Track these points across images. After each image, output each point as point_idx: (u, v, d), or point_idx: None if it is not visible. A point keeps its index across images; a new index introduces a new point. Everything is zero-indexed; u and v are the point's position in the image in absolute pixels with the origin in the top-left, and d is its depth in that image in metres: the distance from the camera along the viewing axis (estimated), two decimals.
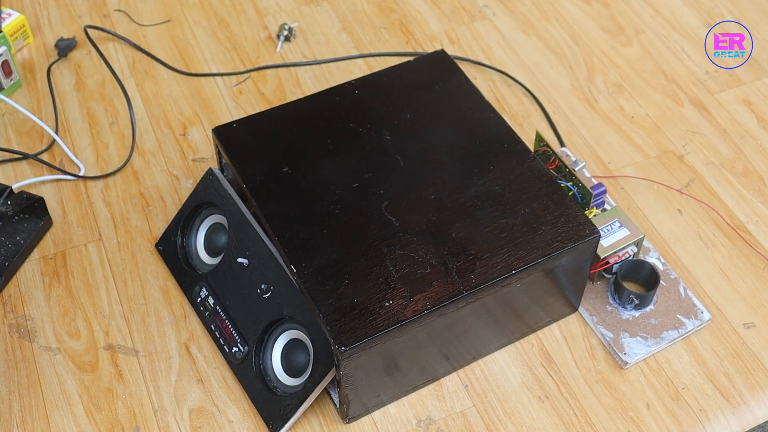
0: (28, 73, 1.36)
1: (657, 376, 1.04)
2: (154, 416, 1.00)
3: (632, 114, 1.32)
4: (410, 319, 0.90)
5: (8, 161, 1.23)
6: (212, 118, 1.30)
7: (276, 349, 1.00)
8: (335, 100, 1.11)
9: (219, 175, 1.07)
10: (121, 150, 1.26)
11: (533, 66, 1.39)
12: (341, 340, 0.88)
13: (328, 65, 1.38)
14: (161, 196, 1.20)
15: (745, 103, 1.34)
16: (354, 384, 0.93)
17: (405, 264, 0.94)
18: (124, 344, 1.05)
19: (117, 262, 1.13)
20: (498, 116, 1.09)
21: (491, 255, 0.95)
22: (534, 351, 1.06)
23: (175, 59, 1.39)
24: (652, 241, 1.16)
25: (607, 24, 1.46)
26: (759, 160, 1.26)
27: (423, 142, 1.06)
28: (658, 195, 1.22)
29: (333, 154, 1.04)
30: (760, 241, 1.17)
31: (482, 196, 1.00)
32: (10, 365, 1.03)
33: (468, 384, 1.03)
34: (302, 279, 0.93)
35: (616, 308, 1.08)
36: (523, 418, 1.00)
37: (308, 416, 1.00)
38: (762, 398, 1.03)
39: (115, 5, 1.47)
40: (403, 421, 1.00)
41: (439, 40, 1.43)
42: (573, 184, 1.08)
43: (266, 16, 1.46)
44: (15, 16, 1.37)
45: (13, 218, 1.13)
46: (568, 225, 0.98)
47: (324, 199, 1.00)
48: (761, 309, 1.10)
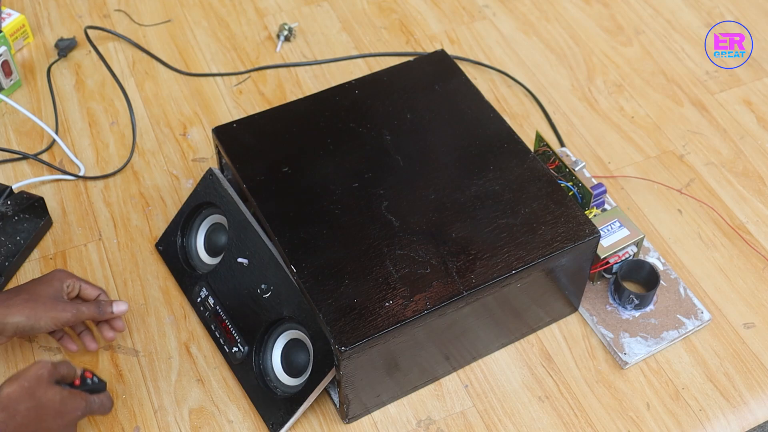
0: (28, 73, 1.36)
1: (657, 376, 1.04)
2: (154, 416, 1.00)
3: (632, 114, 1.32)
4: (410, 319, 0.90)
5: (8, 161, 1.23)
6: (212, 118, 1.30)
7: (276, 349, 1.00)
8: (335, 100, 1.11)
9: (219, 175, 1.07)
10: (121, 150, 1.26)
11: (533, 66, 1.39)
12: (341, 340, 0.88)
13: (328, 65, 1.38)
14: (161, 196, 1.20)
15: (745, 103, 1.34)
16: (354, 384, 0.93)
17: (405, 264, 0.94)
18: (124, 344, 1.05)
19: (117, 262, 1.13)
20: (498, 116, 1.09)
21: (491, 255, 0.95)
22: (534, 351, 1.06)
23: (175, 59, 1.39)
24: (652, 241, 1.16)
25: (607, 24, 1.46)
26: (759, 160, 1.26)
27: (423, 142, 1.06)
28: (658, 195, 1.21)
29: (333, 154, 1.04)
30: (760, 241, 1.17)
31: (482, 196, 1.00)
32: (10, 365, 1.03)
33: (468, 384, 1.03)
34: (302, 279, 0.93)
35: (616, 308, 1.08)
36: (523, 418, 1.00)
37: (308, 416, 1.00)
38: (762, 398, 1.03)
39: (115, 5, 1.47)
40: (403, 421, 1.00)
41: (439, 40, 1.43)
42: (573, 184, 1.08)
43: (266, 16, 1.46)
44: (15, 16, 1.37)
45: (13, 218, 1.13)
46: (568, 225, 0.98)
47: (324, 199, 1.00)
48: (761, 309, 1.10)
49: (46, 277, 0.98)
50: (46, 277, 0.98)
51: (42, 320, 0.94)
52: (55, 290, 0.97)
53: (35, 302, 0.94)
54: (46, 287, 0.96)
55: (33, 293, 0.95)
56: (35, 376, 0.87)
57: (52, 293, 0.96)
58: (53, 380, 0.88)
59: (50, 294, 0.96)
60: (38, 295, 0.95)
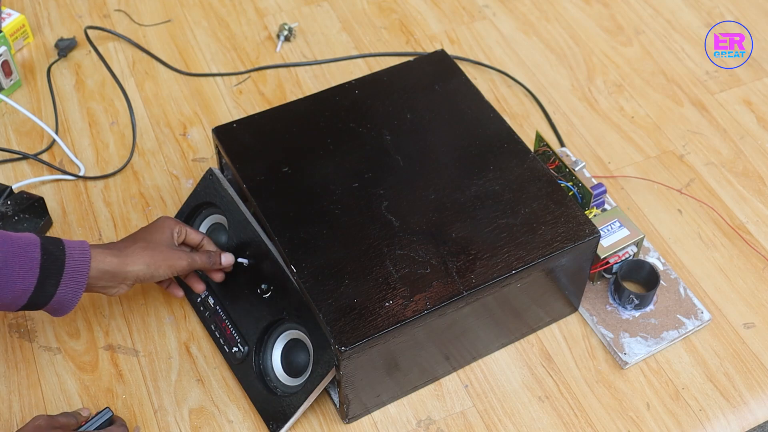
0: (28, 73, 1.36)
1: (657, 376, 1.04)
2: (154, 416, 1.00)
3: (632, 114, 1.32)
4: (410, 319, 0.90)
5: (8, 161, 1.23)
6: (212, 118, 1.30)
7: (276, 349, 1.00)
8: (335, 100, 1.11)
9: (219, 175, 1.07)
10: (121, 150, 1.26)
11: (533, 66, 1.39)
12: (341, 340, 0.88)
13: (328, 65, 1.38)
14: (161, 196, 1.20)
15: (745, 103, 1.34)
16: (354, 384, 0.93)
17: (405, 264, 0.94)
18: (124, 344, 1.05)
19: None
20: (498, 116, 1.09)
21: (491, 255, 0.95)
22: (534, 351, 1.06)
23: (175, 59, 1.39)
24: (652, 241, 1.16)
25: (607, 24, 1.46)
26: (759, 160, 1.26)
27: (423, 142, 1.06)
28: (658, 195, 1.22)
29: (333, 154, 1.04)
30: (760, 241, 1.17)
31: (482, 196, 1.00)
32: (10, 365, 1.03)
33: (468, 384, 1.03)
34: (302, 279, 0.93)
35: (616, 308, 1.08)
36: (523, 418, 1.00)
37: (308, 416, 1.00)
38: (762, 398, 1.03)
39: (115, 5, 1.47)
40: (403, 421, 1.00)
41: (439, 40, 1.43)
42: (573, 184, 1.08)
43: (266, 16, 1.46)
44: (15, 16, 1.37)
45: (13, 218, 1.13)
46: (568, 225, 0.98)
47: (324, 199, 1.00)
48: (761, 309, 1.10)
49: (156, 224, 0.99)
50: (157, 225, 0.99)
51: (161, 269, 0.95)
52: (167, 238, 0.98)
53: (153, 251, 0.95)
54: (159, 235, 0.98)
55: (150, 242, 0.96)
56: (33, 428, 0.88)
57: (166, 241, 0.98)
58: (52, 429, 0.89)
59: (164, 242, 0.97)
60: (155, 244, 0.96)
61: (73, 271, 0.88)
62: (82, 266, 0.89)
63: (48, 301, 0.88)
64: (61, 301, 0.88)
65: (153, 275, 0.95)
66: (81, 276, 0.89)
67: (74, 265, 0.88)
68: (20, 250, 0.85)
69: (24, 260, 0.85)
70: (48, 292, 0.87)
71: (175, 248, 0.98)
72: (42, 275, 0.86)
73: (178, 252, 0.97)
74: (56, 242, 0.89)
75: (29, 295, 0.86)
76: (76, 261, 0.89)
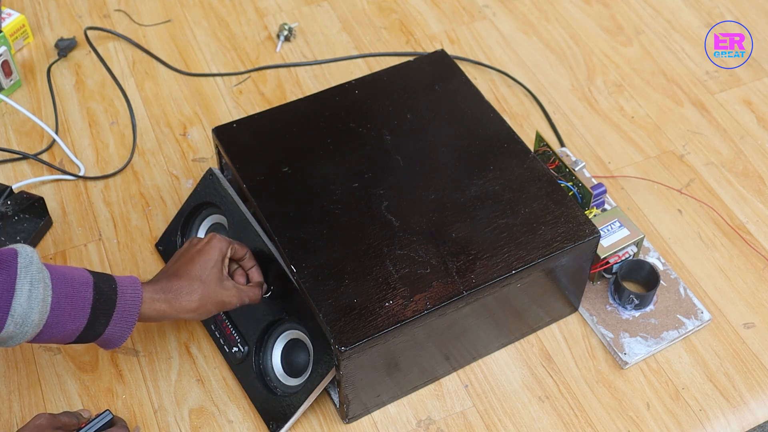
0: (28, 73, 1.36)
1: (657, 376, 1.04)
2: (154, 416, 1.00)
3: (632, 114, 1.32)
4: (410, 319, 0.90)
5: (8, 161, 1.23)
6: (212, 118, 1.30)
7: (276, 349, 1.00)
8: (335, 100, 1.11)
9: (219, 175, 1.07)
10: (121, 150, 1.26)
11: (533, 66, 1.39)
12: (341, 340, 0.88)
13: (328, 65, 1.38)
14: (161, 196, 1.20)
15: (745, 103, 1.34)
16: (354, 384, 0.93)
17: (405, 264, 0.94)
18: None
19: (117, 262, 1.13)
20: (498, 116, 1.09)
21: (491, 255, 0.95)
22: (534, 351, 1.06)
23: (175, 59, 1.39)
24: (652, 241, 1.16)
25: (607, 24, 1.46)
26: (759, 160, 1.26)
27: (423, 142, 1.07)
28: (658, 195, 1.22)
29: (333, 154, 1.04)
30: (760, 241, 1.17)
31: (482, 196, 1.00)
32: (10, 365, 1.03)
33: (468, 384, 1.03)
34: (302, 279, 0.93)
35: (616, 308, 1.08)
36: (523, 418, 1.00)
37: (308, 416, 1.00)
38: (762, 398, 1.03)
39: (115, 5, 1.47)
40: (403, 421, 1.00)
41: (439, 40, 1.43)
42: (573, 184, 1.08)
43: (266, 16, 1.46)
44: (15, 16, 1.37)
45: (13, 218, 1.13)
46: (568, 225, 0.98)
47: (324, 199, 1.00)
48: (761, 309, 1.10)
49: (207, 248, 0.95)
50: (207, 250, 0.95)
51: (211, 310, 0.93)
52: (216, 269, 0.94)
53: (202, 291, 0.91)
54: (209, 265, 0.93)
55: (199, 278, 0.92)
56: (34, 427, 0.88)
57: (215, 274, 0.94)
58: (53, 429, 0.89)
59: (214, 276, 0.93)
60: (204, 279, 0.92)
61: (123, 311, 0.86)
62: (133, 307, 0.87)
63: (96, 338, 0.87)
64: (109, 339, 0.87)
65: (201, 316, 0.93)
66: (131, 316, 0.87)
67: (125, 305, 0.87)
68: (74, 291, 0.84)
69: (76, 301, 0.84)
70: (97, 331, 0.86)
71: (224, 281, 0.95)
72: (92, 315, 0.85)
73: (228, 290, 0.94)
74: (109, 281, 0.87)
75: (78, 334, 0.85)
76: (128, 301, 0.87)
